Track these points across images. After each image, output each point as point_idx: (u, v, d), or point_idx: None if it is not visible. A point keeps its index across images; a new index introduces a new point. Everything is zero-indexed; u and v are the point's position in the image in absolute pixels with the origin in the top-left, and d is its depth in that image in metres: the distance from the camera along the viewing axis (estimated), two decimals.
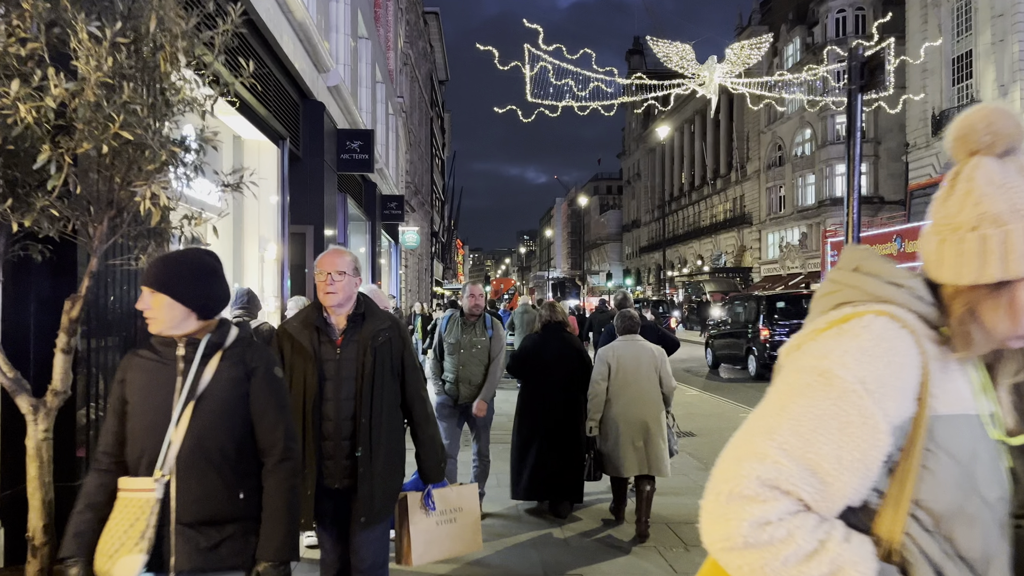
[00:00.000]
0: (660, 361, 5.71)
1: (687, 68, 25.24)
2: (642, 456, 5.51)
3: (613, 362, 5.64)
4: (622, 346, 5.75)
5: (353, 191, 14.82)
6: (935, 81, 35.79)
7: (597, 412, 5.63)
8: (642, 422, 5.53)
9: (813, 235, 49.27)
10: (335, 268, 3.16)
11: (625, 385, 5.58)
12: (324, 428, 3.17)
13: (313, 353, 3.15)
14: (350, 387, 3.16)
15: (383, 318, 3.27)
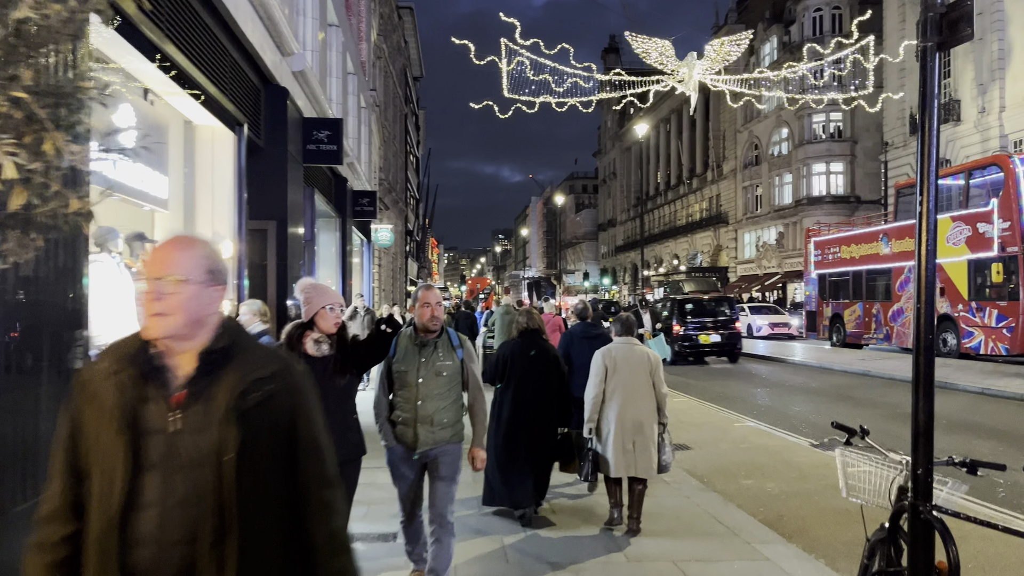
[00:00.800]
0: (654, 366, 5.75)
1: (666, 64, 24.71)
2: (631, 459, 5.57)
3: (610, 364, 5.69)
4: (619, 348, 5.77)
5: (322, 186, 14.02)
6: (913, 80, 35.53)
7: (595, 413, 5.70)
8: (635, 424, 5.59)
9: (790, 234, 49.12)
10: (166, 271, 1.74)
11: (619, 387, 5.63)
12: (131, 560, 1.65)
13: (125, 419, 1.68)
14: (190, 485, 1.68)
15: (263, 360, 1.82)
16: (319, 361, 3.71)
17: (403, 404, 4.27)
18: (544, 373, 6.04)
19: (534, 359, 6.07)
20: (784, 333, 29.43)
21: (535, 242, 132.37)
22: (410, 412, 4.22)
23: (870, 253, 21.20)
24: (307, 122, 10.86)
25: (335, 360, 3.78)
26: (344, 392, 3.87)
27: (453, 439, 4.33)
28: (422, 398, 4.20)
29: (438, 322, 4.31)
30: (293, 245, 10.08)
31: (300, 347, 3.73)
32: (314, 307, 3.79)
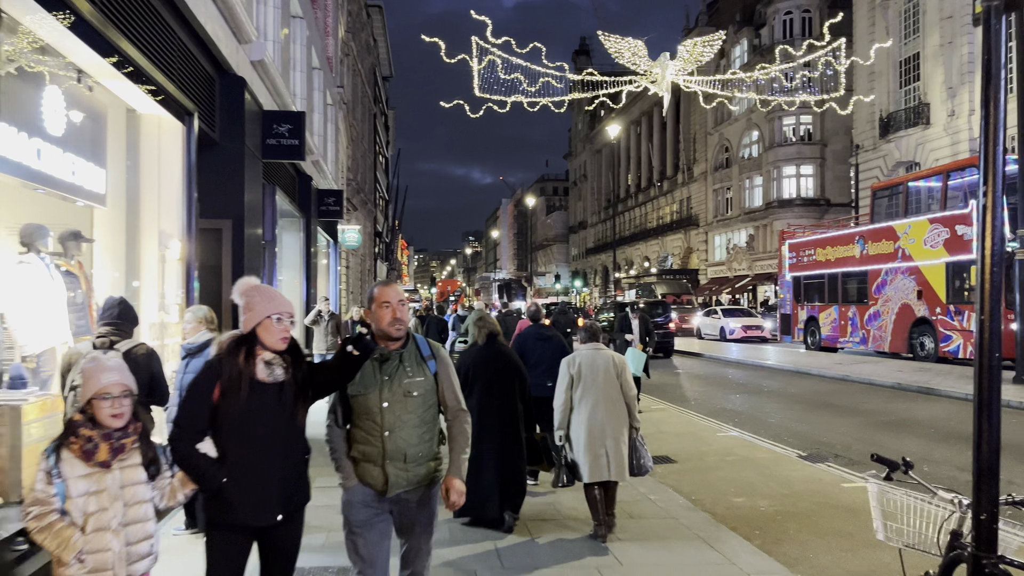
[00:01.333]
0: (620, 369, 5.73)
1: (639, 64, 24.46)
2: (604, 463, 5.55)
3: (575, 370, 5.69)
4: (584, 354, 5.76)
5: (284, 184, 13.34)
6: (882, 83, 35.71)
7: (565, 420, 5.70)
8: (603, 429, 5.57)
9: (760, 237, 49.16)
10: None
11: (587, 393, 5.62)
12: None
13: None
14: None
15: None
16: (271, 389, 2.97)
17: (366, 437, 3.28)
18: (507, 378, 5.99)
19: (496, 365, 6.00)
20: (757, 336, 29.20)
21: (506, 244, 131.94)
22: (376, 446, 3.25)
23: (846, 255, 20.96)
24: (267, 115, 10.20)
25: (293, 388, 3.02)
26: (301, 430, 3.12)
27: (430, 478, 3.38)
28: (389, 428, 3.23)
29: (403, 327, 3.29)
30: (251, 246, 9.41)
31: (250, 369, 2.94)
32: (257, 316, 2.97)
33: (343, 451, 3.36)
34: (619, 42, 24.01)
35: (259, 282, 3.12)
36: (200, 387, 2.95)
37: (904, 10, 35.12)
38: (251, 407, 2.90)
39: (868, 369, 17.03)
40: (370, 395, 3.26)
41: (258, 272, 10.00)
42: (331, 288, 21.23)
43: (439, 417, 3.46)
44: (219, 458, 2.92)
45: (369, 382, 3.27)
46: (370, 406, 3.26)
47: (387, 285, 3.37)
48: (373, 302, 3.32)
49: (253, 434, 2.91)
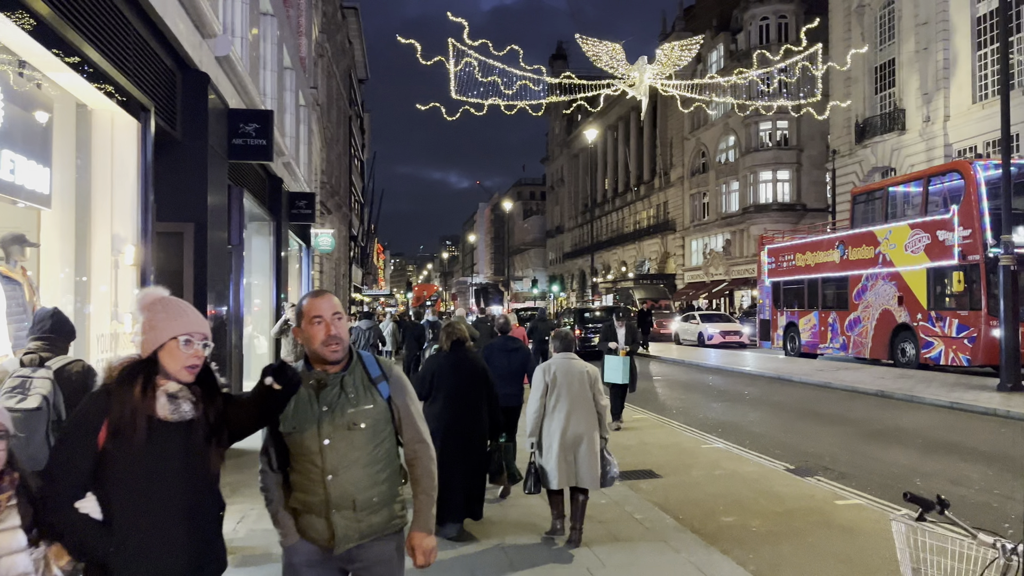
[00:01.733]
0: (593, 379, 5.79)
1: (617, 68, 24.33)
2: (573, 470, 5.61)
3: (550, 379, 5.73)
4: (559, 363, 5.81)
5: (253, 186, 12.85)
6: (858, 89, 35.82)
7: (537, 428, 5.73)
8: (576, 437, 5.62)
9: (737, 242, 49.20)
10: None
11: (560, 401, 5.67)
12: None
13: None
14: None
15: None
16: (176, 430, 2.30)
17: (305, 483, 2.65)
18: (474, 386, 5.98)
19: (462, 372, 5.99)
20: (736, 342, 29.03)
21: (483, 248, 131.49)
22: (318, 494, 2.63)
23: (826, 261, 20.81)
24: (233, 113, 9.74)
25: (204, 428, 2.36)
26: (214, 481, 2.48)
27: (391, 527, 2.74)
28: (333, 470, 2.60)
29: (340, 346, 2.67)
30: (215, 250, 8.95)
31: (148, 404, 2.27)
32: (159, 336, 2.32)
33: (280, 501, 2.73)
34: (597, 45, 23.83)
35: (166, 293, 2.45)
36: (80, 428, 2.26)
37: (880, 16, 35.28)
38: (149, 453, 2.24)
39: (851, 376, 16.83)
40: (306, 432, 2.62)
41: (224, 278, 9.54)
42: (304, 291, 20.67)
43: (398, 451, 2.81)
44: (105, 521, 2.24)
45: (304, 416, 2.63)
46: (307, 445, 2.62)
47: (319, 296, 2.73)
48: (302, 317, 2.68)
49: (151, 489, 2.25)
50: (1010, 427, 10.97)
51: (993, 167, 15.99)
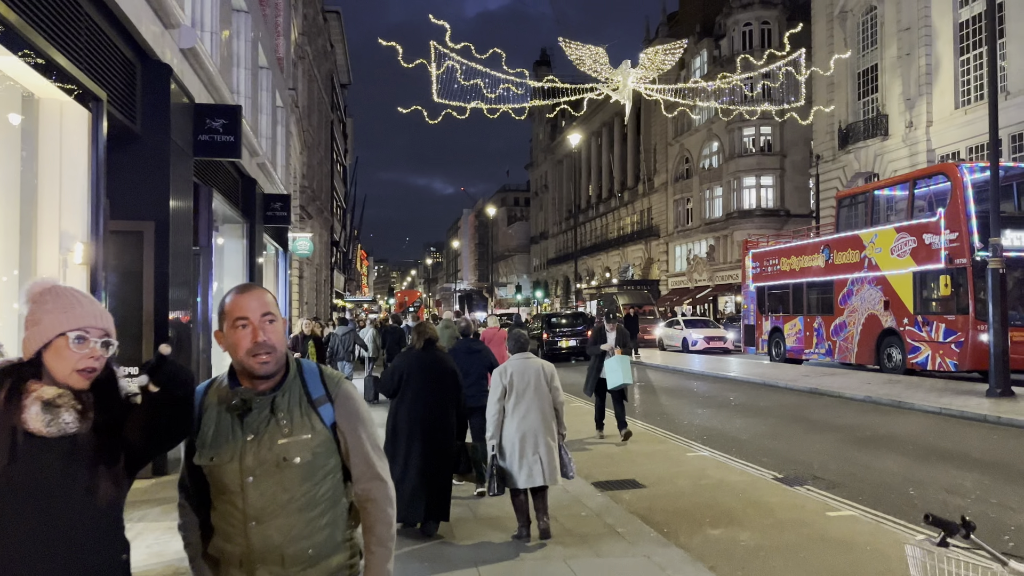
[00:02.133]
0: (550, 376, 5.87)
1: (600, 72, 24.12)
2: (537, 469, 5.64)
3: (507, 380, 5.79)
4: (515, 364, 5.87)
5: (225, 186, 12.43)
6: (841, 94, 35.84)
7: (497, 429, 5.77)
8: (535, 435, 5.68)
9: (721, 248, 49.13)
10: None
11: (518, 401, 5.73)
12: None
13: None
14: None
15: None
16: (55, 448, 1.82)
17: (225, 528, 2.09)
18: (441, 385, 6.01)
19: (432, 371, 6.02)
20: (720, 347, 28.79)
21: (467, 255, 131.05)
22: (239, 543, 2.06)
23: (811, 265, 20.58)
24: (199, 109, 9.33)
25: (93, 446, 1.87)
26: (110, 514, 1.94)
27: None
28: (256, 515, 2.04)
29: (271, 357, 2.07)
30: (178, 251, 8.53)
31: (13, 414, 1.80)
32: (44, 333, 1.88)
33: (197, 547, 2.17)
34: (580, 49, 23.59)
35: (57, 283, 1.97)
36: None
37: (862, 22, 35.32)
38: (13, 476, 1.76)
39: (837, 382, 16.58)
40: (225, 466, 2.05)
41: (190, 281, 9.12)
42: (280, 299, 20.23)
43: (345, 489, 2.18)
44: None
45: (224, 445, 2.06)
46: (226, 482, 2.06)
47: (244, 292, 2.13)
48: (224, 319, 2.11)
49: (17, 523, 1.76)
50: (1001, 433, 10.72)
51: (979, 170, 15.82)
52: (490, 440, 5.81)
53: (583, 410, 12.95)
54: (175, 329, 8.26)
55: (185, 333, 8.81)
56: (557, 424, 5.85)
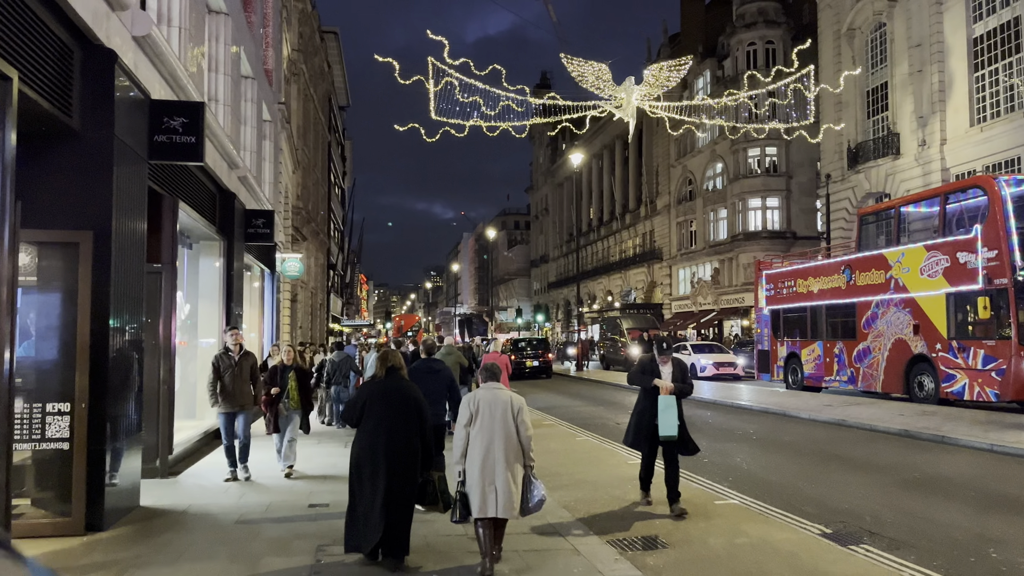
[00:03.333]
0: (516, 410, 5.80)
1: (603, 89, 23.16)
2: (493, 499, 5.60)
3: (474, 407, 5.79)
4: (482, 394, 5.89)
5: (195, 198, 11.27)
6: (850, 113, 34.86)
7: (463, 456, 5.78)
8: (494, 466, 5.65)
9: (725, 271, 47.99)
10: None
11: (483, 430, 5.73)
12: None
13: None
14: None
15: None
16: None
17: None
18: (404, 414, 5.90)
19: (393, 399, 5.94)
20: (730, 374, 27.50)
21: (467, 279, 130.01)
22: None
23: (831, 287, 19.34)
24: (155, 106, 8.18)
25: None
26: None
27: None
28: None
29: None
30: (126, 266, 7.35)
31: None
32: None
33: None
34: (583, 65, 22.60)
35: None
36: None
37: (871, 39, 34.47)
38: None
39: (865, 412, 15.30)
40: None
41: (138, 300, 7.91)
42: (266, 323, 19.02)
43: None
44: None
45: None
46: None
47: None
48: None
49: None
50: None
51: (1016, 183, 14.70)
52: (456, 466, 5.79)
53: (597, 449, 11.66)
54: (116, 354, 7.04)
55: (128, 361, 7.56)
56: (524, 456, 5.77)
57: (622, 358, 35.67)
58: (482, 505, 5.59)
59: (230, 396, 9.20)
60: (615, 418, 17.03)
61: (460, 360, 13.64)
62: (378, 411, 5.86)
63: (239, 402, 9.27)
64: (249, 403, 9.41)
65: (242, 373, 9.30)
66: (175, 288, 9.62)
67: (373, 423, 5.83)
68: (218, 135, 11.70)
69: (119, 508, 7.28)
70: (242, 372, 9.30)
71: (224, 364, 9.24)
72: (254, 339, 18.12)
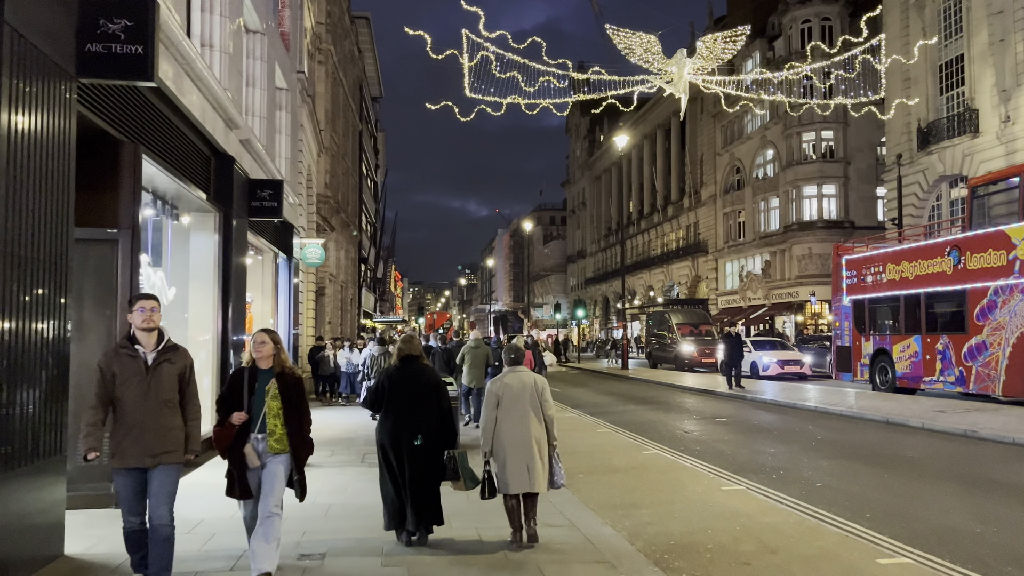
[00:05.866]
0: (540, 389, 6.08)
1: (652, 62, 20.77)
2: (527, 476, 5.87)
3: (500, 391, 6.05)
4: (508, 377, 6.13)
5: (175, 154, 9.10)
6: (920, 90, 31.69)
7: (490, 438, 6.01)
8: (527, 444, 5.91)
9: (777, 263, 45.11)
10: None
11: (510, 411, 5.98)
12: None
13: None
14: None
15: None
16: None
17: None
18: (424, 398, 6.07)
19: (414, 384, 6.09)
20: (796, 372, 24.78)
21: (501, 275, 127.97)
22: None
23: (932, 272, 16.54)
24: (86, 5, 5.94)
25: None
26: None
27: None
28: None
29: None
30: (36, 234, 5.15)
31: None
32: None
33: None
34: (630, 37, 20.19)
35: None
36: None
37: (943, 9, 31.41)
38: None
39: (997, 421, 12.58)
40: None
41: (60, 274, 5.70)
42: (281, 315, 16.90)
43: None
44: None
45: None
46: None
47: None
48: None
49: None
50: None
51: None
52: (483, 448, 6.05)
53: (676, 468, 9.27)
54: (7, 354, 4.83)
55: (37, 358, 5.32)
56: (548, 435, 6.06)
57: (672, 355, 33.06)
58: (516, 481, 5.86)
59: (132, 434, 4.69)
60: (680, 424, 14.59)
61: (487, 354, 13.54)
62: (396, 396, 6.03)
63: (152, 447, 4.72)
64: (174, 448, 4.83)
65: (159, 387, 4.78)
66: (137, 263, 7.43)
67: (394, 408, 6.02)
68: (207, 82, 9.53)
69: (32, 559, 5.12)
70: (159, 385, 4.78)
71: (120, 370, 4.73)
72: None
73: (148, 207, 9.13)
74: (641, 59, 20.74)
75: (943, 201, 32.13)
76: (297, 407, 5.13)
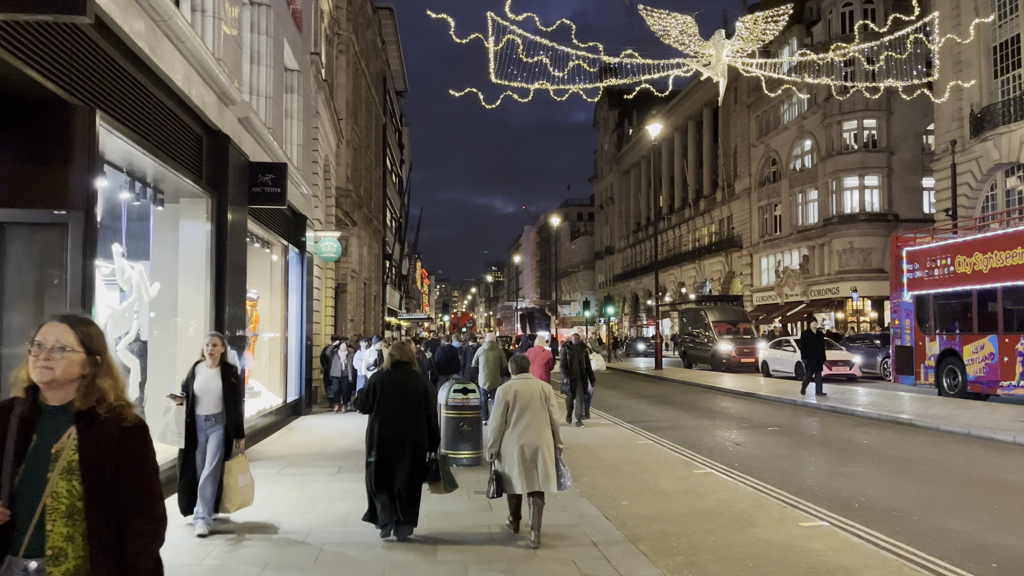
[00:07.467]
0: (548, 396, 6.43)
1: (689, 45, 19.32)
2: (533, 476, 6.15)
3: (510, 397, 6.35)
4: (517, 384, 6.46)
5: (153, 127, 7.84)
6: (972, 73, 29.66)
7: (497, 441, 6.34)
8: (533, 446, 6.20)
9: (816, 258, 43.23)
10: None
11: (520, 416, 6.29)
12: None
13: None
14: None
15: None
16: None
17: None
18: (412, 402, 6.34)
19: (404, 389, 6.36)
20: (844, 374, 23.12)
21: (528, 272, 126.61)
22: None
23: (1011, 264, 14.86)
24: None
25: None
26: None
27: None
28: None
29: None
30: None
31: None
32: None
33: None
34: (665, 18, 18.85)
35: None
36: None
37: None
38: None
39: None
40: None
41: None
42: (292, 313, 15.66)
43: None
44: None
45: None
46: None
47: None
48: None
49: None
50: None
51: None
52: (490, 449, 6.41)
53: (735, 493, 7.85)
54: None
55: None
56: (554, 439, 6.35)
57: (708, 355, 31.43)
58: (527, 482, 6.13)
59: None
60: (729, 434, 13.11)
61: (501, 356, 13.36)
62: (386, 399, 6.32)
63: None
64: None
65: None
66: (92, 251, 6.16)
67: (383, 410, 6.31)
68: (191, 45, 8.27)
69: None
70: None
71: None
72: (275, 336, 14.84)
73: (124, 190, 7.91)
74: (677, 41, 19.35)
75: (998, 191, 30.14)
76: (122, 491, 2.29)
